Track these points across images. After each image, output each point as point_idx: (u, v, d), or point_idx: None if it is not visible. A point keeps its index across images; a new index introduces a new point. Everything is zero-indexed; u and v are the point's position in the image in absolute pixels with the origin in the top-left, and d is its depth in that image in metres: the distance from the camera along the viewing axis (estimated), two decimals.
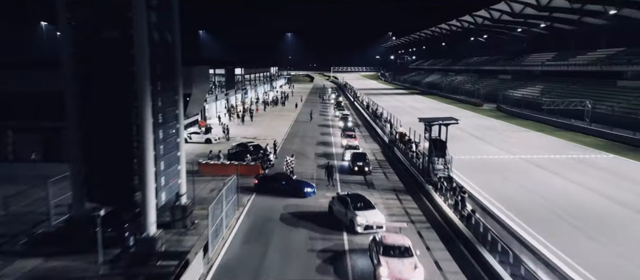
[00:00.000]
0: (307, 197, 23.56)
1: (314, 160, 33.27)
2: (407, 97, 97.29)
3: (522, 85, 76.45)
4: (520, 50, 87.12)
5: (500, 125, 52.12)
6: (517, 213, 21.37)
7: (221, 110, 58.43)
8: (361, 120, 59.35)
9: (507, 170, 30.48)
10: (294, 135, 44.61)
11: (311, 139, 42.57)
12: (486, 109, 71.30)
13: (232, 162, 27.86)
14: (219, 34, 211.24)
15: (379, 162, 33.49)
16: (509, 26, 78.21)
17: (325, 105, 78.00)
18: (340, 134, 44.33)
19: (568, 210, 22.04)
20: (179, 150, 18.15)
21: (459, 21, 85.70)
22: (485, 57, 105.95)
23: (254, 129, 47.37)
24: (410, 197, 24.55)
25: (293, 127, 50.05)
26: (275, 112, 65.16)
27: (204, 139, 38.16)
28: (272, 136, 43.09)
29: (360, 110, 68.90)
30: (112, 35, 14.94)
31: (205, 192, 24.28)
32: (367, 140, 43.61)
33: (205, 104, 51.01)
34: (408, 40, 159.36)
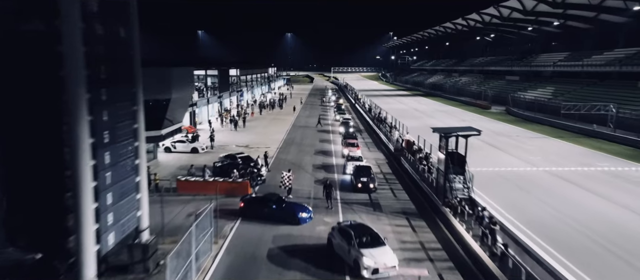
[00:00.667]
0: (302, 223, 19.79)
1: (312, 173, 29.47)
2: (410, 99, 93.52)
3: (532, 87, 72.65)
4: (529, 50, 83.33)
5: (513, 131, 48.31)
6: (554, 244, 17.61)
7: (214, 114, 54.63)
8: (363, 125, 55.59)
9: (531, 185, 26.68)
10: (290, 142, 40.83)
11: (309, 147, 38.80)
12: (495, 112, 67.50)
13: (215, 179, 24.06)
14: (218, 34, 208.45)
15: (385, 176, 29.69)
16: (519, 25, 74.41)
17: (325, 108, 74.19)
18: (341, 142, 40.58)
19: (614, 241, 18.27)
20: (137, 175, 14.35)
21: (466, 19, 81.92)
22: (491, 57, 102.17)
23: (246, 136, 43.59)
24: (425, 222, 20.75)
25: (290, 133, 46.27)
26: (271, 116, 61.39)
27: (190, 148, 34.40)
28: (266, 144, 39.39)
29: (361, 113, 65.14)
30: (36, 28, 11.15)
31: (182, 217, 20.51)
32: (370, 148, 39.84)
33: (195, 108, 47.31)
34: (410, 40, 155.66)
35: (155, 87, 24.07)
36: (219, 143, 39.17)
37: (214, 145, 37.58)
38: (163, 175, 27.45)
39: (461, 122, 55.71)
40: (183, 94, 27.28)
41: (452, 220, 19.34)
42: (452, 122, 55.68)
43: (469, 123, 53.62)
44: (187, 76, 28.33)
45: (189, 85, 28.90)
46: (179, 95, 26.28)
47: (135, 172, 14.14)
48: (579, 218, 21.03)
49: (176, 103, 26.60)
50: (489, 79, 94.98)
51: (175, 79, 25.69)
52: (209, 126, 46.12)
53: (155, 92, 24.14)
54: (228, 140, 40.57)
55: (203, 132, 42.81)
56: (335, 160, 33.49)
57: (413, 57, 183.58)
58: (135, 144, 14.19)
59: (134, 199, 14.13)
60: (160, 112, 24.92)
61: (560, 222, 20.57)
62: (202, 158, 32.77)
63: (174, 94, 25.38)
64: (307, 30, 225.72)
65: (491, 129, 49.73)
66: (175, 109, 26.96)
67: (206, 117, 52.59)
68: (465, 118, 59.83)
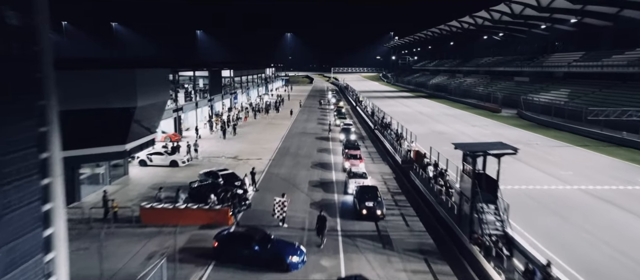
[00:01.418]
0: (293, 270, 15.41)
1: (308, 193, 25.08)
2: (414, 101, 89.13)
3: (544, 89, 68.27)
4: (540, 49, 78.90)
5: (530, 138, 43.90)
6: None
7: (203, 119, 50.20)
8: (365, 130, 51.22)
9: (570, 209, 22.30)
10: (285, 153, 36.45)
11: (305, 158, 34.41)
12: (505, 115, 63.13)
13: (188, 206, 19.65)
14: (217, 34, 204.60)
15: (393, 195, 25.31)
16: (531, 22, 69.99)
17: (324, 112, 69.80)
18: (341, 151, 36.23)
19: None
20: (48, 227, 9.89)
21: (473, 17, 77.54)
22: (498, 57, 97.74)
23: (236, 145, 39.18)
24: (448, 266, 16.36)
25: (285, 141, 41.89)
26: (266, 121, 57.00)
27: (169, 161, 29.99)
28: (258, 154, 35.01)
29: (363, 117, 60.77)
30: None
31: (142, 258, 16.14)
32: (374, 159, 35.45)
33: (181, 113, 42.94)
34: (412, 40, 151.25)
35: (113, 94, 19.75)
36: (205, 154, 34.81)
37: (199, 157, 33.20)
38: (132, 196, 23.10)
39: (472, 127, 51.37)
40: (155, 100, 22.90)
41: (486, 266, 14.96)
42: (461, 127, 51.34)
43: (480, 129, 49.33)
44: (159, 79, 23.92)
45: (163, 89, 24.49)
46: (148, 102, 21.89)
47: (42, 223, 9.69)
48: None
49: (145, 111, 22.21)
50: (496, 80, 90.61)
51: (143, 83, 21.28)
52: (196, 134, 41.76)
53: (113, 100, 19.80)
54: (215, 150, 36.19)
55: (189, 141, 38.46)
56: (335, 176, 29.10)
57: (414, 57, 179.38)
58: (44, 181, 9.70)
59: (40, 263, 9.70)
60: (123, 123, 20.54)
61: (621, 266, 16.19)
62: (182, 173, 28.45)
63: (141, 101, 21.01)
64: (306, 30, 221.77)
65: (506, 135, 45.34)
66: (145, 118, 22.56)
67: (196, 123, 48.18)
68: (475, 122, 55.46)
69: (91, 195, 22.90)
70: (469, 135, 45.30)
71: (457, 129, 49.74)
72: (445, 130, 48.92)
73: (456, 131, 48.38)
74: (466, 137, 43.94)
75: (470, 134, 46.62)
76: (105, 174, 24.71)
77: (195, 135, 41.57)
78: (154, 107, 23.37)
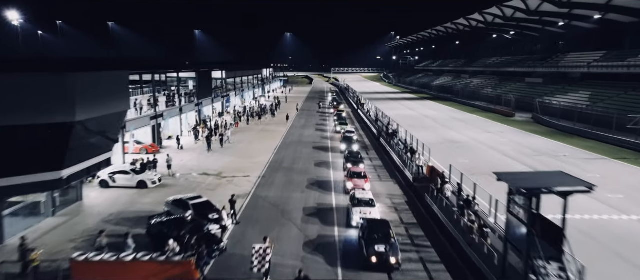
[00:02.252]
0: None
1: (301, 226, 20.10)
2: (418, 104, 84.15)
3: (561, 91, 63.27)
4: (553, 49, 73.86)
5: (555, 148, 38.91)
6: None
7: (188, 126, 45.17)
8: (368, 137, 46.25)
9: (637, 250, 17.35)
10: (277, 167, 31.48)
11: (300, 175, 29.43)
12: (520, 120, 58.16)
13: (138, 257, 14.63)
14: (215, 34, 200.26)
15: (408, 228, 20.34)
16: (546, 19, 64.94)
17: (323, 116, 64.85)
18: (342, 165, 31.34)
19: None
20: None
21: (483, 15, 72.49)
22: (507, 57, 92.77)
23: (221, 158, 34.18)
24: None
25: (278, 152, 36.92)
26: (260, 127, 52.01)
27: (136, 181, 24.99)
28: (245, 170, 30.06)
29: (366, 121, 55.83)
30: None
31: None
32: (380, 175, 30.47)
33: (161, 120, 37.97)
34: (415, 40, 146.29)
35: (40, 105, 14.84)
36: (185, 168, 29.85)
37: (174, 174, 28.20)
38: (74, 235, 18.10)
39: (486, 134, 46.38)
40: (107, 111, 17.94)
41: None
42: (474, 134, 46.36)
43: (495, 136, 44.29)
44: (114, 85, 18.96)
45: (120, 97, 19.53)
46: (95, 115, 16.95)
47: None
48: None
49: (93, 126, 17.26)
50: (505, 81, 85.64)
51: (86, 91, 16.32)
52: (177, 144, 36.78)
53: (41, 114, 14.88)
54: (196, 165, 31.20)
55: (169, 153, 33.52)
56: (336, 199, 24.15)
57: (415, 57, 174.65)
58: None
59: None
60: (56, 143, 15.60)
61: None
62: (150, 197, 23.51)
63: (84, 113, 16.09)
64: (306, 30, 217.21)
65: (525, 144, 40.40)
66: (92, 135, 17.61)
67: (179, 130, 43.24)
68: (488, 128, 50.45)
69: (24, 232, 17.89)
70: (486, 144, 40.32)
71: (470, 137, 44.77)
72: (457, 138, 43.97)
73: (470, 139, 43.41)
74: (483, 147, 38.99)
75: (486, 141, 41.64)
76: (48, 202, 19.74)
77: (176, 145, 36.63)
78: (106, 121, 18.41)
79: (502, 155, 35.80)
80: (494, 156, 35.42)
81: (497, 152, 37.08)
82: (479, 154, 36.12)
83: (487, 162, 33.00)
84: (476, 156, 35.26)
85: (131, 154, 32.15)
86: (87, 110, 16.43)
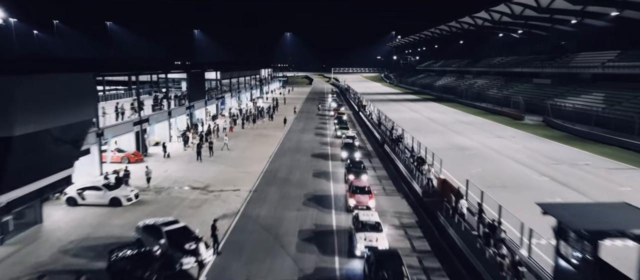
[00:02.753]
0: None
1: (295, 256, 17.07)
2: (421, 105, 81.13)
3: (572, 92, 60.26)
4: (563, 48, 70.77)
5: (575, 156, 35.84)
6: None
7: (178, 131, 42.12)
8: (371, 142, 43.25)
9: None
10: (271, 179, 28.47)
11: (296, 188, 26.42)
12: (530, 123, 55.14)
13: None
14: (214, 33, 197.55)
15: (422, 258, 17.28)
16: (557, 17, 61.86)
17: (322, 118, 61.86)
18: (343, 176, 28.41)
19: None
20: None
21: (489, 12, 69.39)
22: (512, 57, 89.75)
23: (211, 167, 31.16)
24: None
25: (274, 161, 33.93)
26: (255, 131, 49.01)
27: (109, 198, 21.95)
28: (236, 182, 27.08)
29: (368, 125, 52.83)
30: None
31: None
32: (385, 187, 27.45)
33: (147, 125, 34.97)
34: (417, 39, 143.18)
35: None
36: (168, 181, 26.85)
37: (153, 188, 25.19)
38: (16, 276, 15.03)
39: (497, 139, 43.37)
40: (64, 121, 14.96)
41: None
42: (484, 139, 43.35)
43: (507, 142, 41.19)
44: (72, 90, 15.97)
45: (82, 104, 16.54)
46: (46, 127, 13.96)
47: None
48: None
49: (41, 140, 14.26)
50: (510, 82, 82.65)
51: (30, 98, 13.31)
52: (163, 151, 33.78)
53: None
54: (182, 177, 28.18)
55: (151, 163, 30.59)
56: (336, 219, 21.16)
57: (416, 57, 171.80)
58: None
59: None
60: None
61: None
62: (123, 218, 20.48)
63: (26, 125, 13.08)
64: (306, 30, 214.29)
65: (540, 150, 37.39)
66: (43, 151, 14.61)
67: (168, 135, 40.28)
68: (498, 132, 47.42)
69: None
70: (498, 150, 37.32)
71: (479, 142, 41.77)
72: (466, 144, 40.97)
73: (480, 145, 40.42)
74: (495, 154, 35.98)
75: (498, 147, 38.63)
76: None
77: (163, 153, 33.63)
78: (64, 133, 15.43)
79: (518, 163, 32.79)
80: (509, 165, 32.42)
81: (512, 160, 34.07)
82: (492, 162, 33.13)
83: (502, 172, 30.02)
84: (490, 165, 32.27)
85: (111, 164, 29.14)
86: (33, 121, 13.46)
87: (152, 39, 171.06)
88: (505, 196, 23.70)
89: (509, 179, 28.15)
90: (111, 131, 28.82)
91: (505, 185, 26.75)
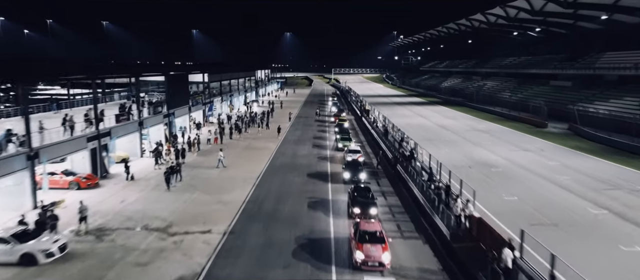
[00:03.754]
0: None
1: None
2: (429, 110, 74.98)
3: (599, 96, 54.19)
4: (585, 47, 64.58)
5: (625, 175, 29.65)
6: None
7: (149, 145, 35.92)
8: (376, 153, 37.05)
9: None
10: (254, 213, 22.33)
11: (286, 228, 20.30)
12: (555, 131, 49.04)
13: None
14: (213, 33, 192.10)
15: None
16: (582, 13, 55.67)
17: (322, 125, 55.78)
18: (347, 207, 22.50)
19: None
20: None
21: (504, 8, 63.18)
22: (526, 57, 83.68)
23: (181, 194, 25.01)
24: None
25: (261, 185, 27.78)
26: (245, 142, 42.91)
27: (18, 255, 15.76)
28: (207, 217, 20.96)
29: (372, 132, 46.69)
30: None
31: None
32: (401, 224, 21.33)
33: (107, 140, 28.84)
34: (421, 39, 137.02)
35: None
36: (120, 218, 20.73)
37: (95, 230, 19.04)
38: None
39: (523, 153, 37.22)
40: None
41: None
42: (508, 152, 37.22)
43: (537, 156, 34.90)
44: None
45: None
46: None
47: None
48: None
49: None
50: (524, 84, 76.58)
51: None
52: (126, 173, 27.64)
53: None
54: (139, 210, 22.04)
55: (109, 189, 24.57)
56: None
57: (418, 58, 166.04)
58: None
59: None
60: None
61: None
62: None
63: None
64: (306, 30, 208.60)
65: (579, 168, 31.22)
66: None
67: (139, 150, 34.23)
68: (523, 144, 41.22)
69: None
70: (530, 169, 31.14)
71: (505, 157, 35.64)
72: (489, 159, 34.87)
73: (506, 160, 34.29)
74: (528, 174, 29.81)
75: (529, 165, 32.44)
76: None
77: (125, 174, 27.52)
78: None
79: (560, 188, 26.69)
80: (550, 190, 26.32)
81: (551, 182, 27.96)
82: (527, 186, 27.03)
83: (545, 201, 23.92)
84: (525, 189, 26.17)
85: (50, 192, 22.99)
86: None
87: (150, 39, 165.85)
88: (562, 241, 17.74)
89: (558, 213, 22.06)
90: (51, 151, 22.77)
91: (555, 223, 20.70)
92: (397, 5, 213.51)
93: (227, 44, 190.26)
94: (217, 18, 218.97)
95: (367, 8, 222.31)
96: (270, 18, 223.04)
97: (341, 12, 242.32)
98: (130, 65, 48.68)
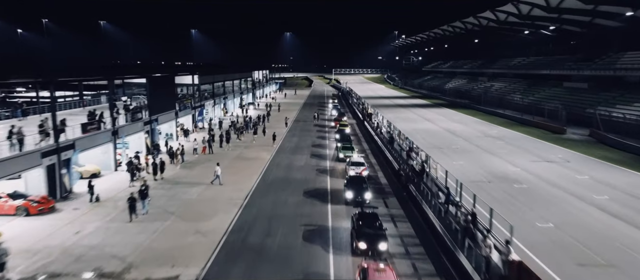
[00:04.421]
0: None
1: None
2: (434, 113, 70.91)
3: (620, 99, 50.16)
4: (602, 47, 60.42)
5: None
6: None
7: (125, 156, 31.78)
8: (381, 166, 32.92)
9: None
10: (235, 251, 18.17)
11: (275, 270, 16.23)
12: (575, 138, 44.98)
13: None
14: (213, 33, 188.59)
15: None
16: (601, 10, 51.56)
17: (321, 131, 51.71)
18: (350, 239, 18.49)
19: None
20: None
21: (516, 5, 58.96)
22: (536, 57, 79.58)
23: (149, 224, 20.88)
24: None
25: (248, 207, 23.63)
26: (236, 152, 38.82)
27: None
28: (179, 254, 16.85)
29: (376, 139, 42.60)
30: None
31: None
32: (415, 263, 17.23)
33: (70, 154, 24.73)
34: (423, 38, 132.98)
35: None
36: (66, 259, 16.60)
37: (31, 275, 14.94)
38: None
39: (547, 164, 33.15)
40: None
41: None
42: (529, 163, 33.16)
43: (563, 168, 30.61)
44: None
45: None
46: None
47: None
48: None
49: None
50: (534, 86, 72.59)
51: None
52: (89, 193, 23.49)
53: None
54: (95, 246, 17.91)
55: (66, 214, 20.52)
56: None
57: (419, 58, 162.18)
58: None
59: None
60: None
61: None
62: None
63: None
64: (306, 30, 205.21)
65: (619, 185, 27.11)
66: None
67: (113, 163, 30.17)
68: (544, 153, 37.13)
69: None
70: (559, 185, 27.01)
71: (527, 169, 31.54)
72: (509, 171, 30.81)
73: (529, 174, 30.18)
74: (558, 192, 25.68)
75: (557, 180, 28.31)
76: None
77: (90, 194, 23.40)
78: None
79: (601, 211, 22.62)
80: (590, 214, 22.26)
81: (588, 204, 23.87)
82: (562, 209, 22.93)
83: (588, 230, 19.85)
84: (561, 214, 22.09)
85: None
86: None
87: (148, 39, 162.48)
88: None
89: (609, 248, 17.99)
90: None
91: (611, 263, 16.62)
92: (398, 5, 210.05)
93: (226, 44, 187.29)
94: (216, 18, 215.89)
95: (368, 8, 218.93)
96: (270, 18, 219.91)
97: (341, 12, 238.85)
98: (106, 66, 44.65)
